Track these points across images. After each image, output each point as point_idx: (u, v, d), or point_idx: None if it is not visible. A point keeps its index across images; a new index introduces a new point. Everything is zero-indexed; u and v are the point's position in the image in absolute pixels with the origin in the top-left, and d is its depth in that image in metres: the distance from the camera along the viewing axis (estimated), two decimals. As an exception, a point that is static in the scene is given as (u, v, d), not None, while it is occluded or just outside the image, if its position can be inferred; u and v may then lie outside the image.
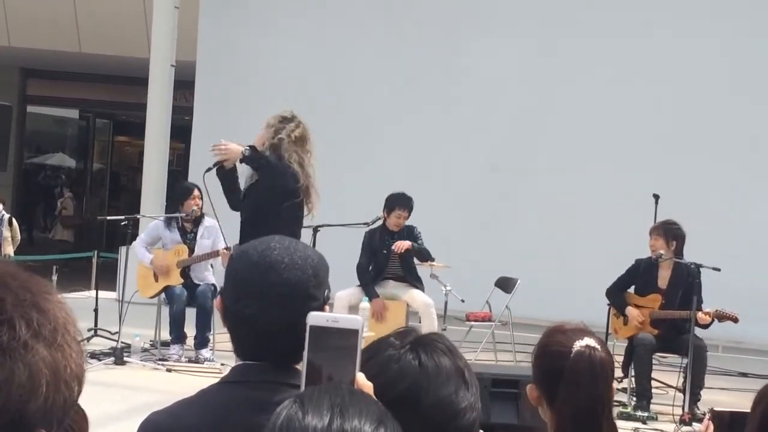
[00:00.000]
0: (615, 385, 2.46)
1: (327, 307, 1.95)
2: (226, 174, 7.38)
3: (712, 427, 2.59)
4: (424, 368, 1.71)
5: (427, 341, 1.77)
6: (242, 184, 7.39)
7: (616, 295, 8.14)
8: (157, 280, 8.75)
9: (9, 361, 1.05)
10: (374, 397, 1.39)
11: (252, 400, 1.87)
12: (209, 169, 7.16)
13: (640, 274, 8.08)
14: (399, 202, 8.96)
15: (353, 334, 1.51)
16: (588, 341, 2.33)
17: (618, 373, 8.41)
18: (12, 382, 1.05)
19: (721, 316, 7.61)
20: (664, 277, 8.00)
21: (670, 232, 7.94)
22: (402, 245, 8.77)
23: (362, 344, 1.54)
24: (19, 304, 1.08)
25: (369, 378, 1.49)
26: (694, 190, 10.70)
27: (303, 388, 1.46)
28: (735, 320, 7.69)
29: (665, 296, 7.91)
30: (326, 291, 1.97)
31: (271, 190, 7.04)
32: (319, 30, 12.56)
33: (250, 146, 7.04)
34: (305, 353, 1.51)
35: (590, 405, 2.28)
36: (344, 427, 1.20)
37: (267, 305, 1.91)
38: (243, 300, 1.93)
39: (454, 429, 1.67)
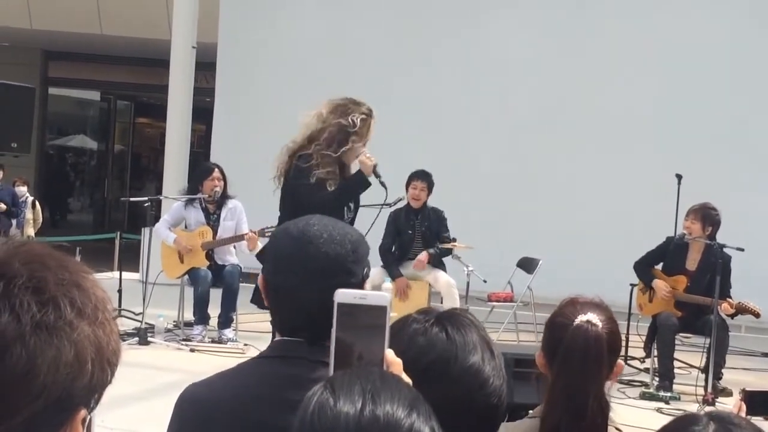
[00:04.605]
0: (620, 362, 2.42)
1: (367, 285, 1.97)
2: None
3: (744, 407, 2.58)
4: (450, 339, 1.72)
5: (450, 315, 1.80)
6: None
7: (644, 270, 8.06)
8: (182, 261, 8.78)
9: (56, 340, 1.06)
10: (405, 373, 1.39)
11: (288, 377, 1.89)
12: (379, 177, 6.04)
13: (670, 253, 7.99)
14: (414, 174, 9.02)
15: (381, 310, 1.49)
16: (590, 316, 2.31)
17: (639, 353, 8.39)
18: (59, 360, 1.06)
19: (744, 310, 7.51)
20: (693, 260, 7.90)
21: (708, 218, 7.78)
22: (422, 261, 8.87)
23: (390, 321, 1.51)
24: (60, 283, 1.10)
25: (397, 354, 1.48)
26: (717, 170, 10.63)
27: (332, 366, 1.45)
28: (757, 315, 7.57)
29: (692, 279, 7.82)
30: (365, 269, 1.99)
31: None
32: (339, 10, 12.53)
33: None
34: (333, 331, 1.49)
35: (580, 380, 2.26)
36: (376, 413, 1.19)
37: (305, 278, 1.93)
38: (282, 273, 1.97)
39: (482, 396, 1.69)
